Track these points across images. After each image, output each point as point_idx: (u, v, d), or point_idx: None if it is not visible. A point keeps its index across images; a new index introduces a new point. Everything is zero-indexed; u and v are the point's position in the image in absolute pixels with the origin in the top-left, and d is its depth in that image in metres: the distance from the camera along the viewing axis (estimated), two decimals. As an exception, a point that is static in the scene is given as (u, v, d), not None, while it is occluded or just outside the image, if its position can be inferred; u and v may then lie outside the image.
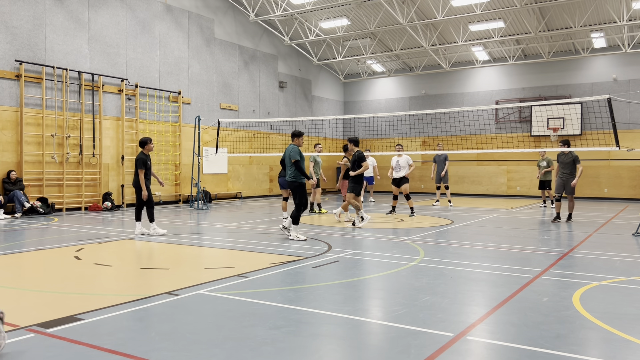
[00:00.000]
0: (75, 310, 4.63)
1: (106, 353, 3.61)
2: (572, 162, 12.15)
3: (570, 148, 12.38)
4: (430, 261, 7.16)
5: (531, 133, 22.31)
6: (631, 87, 20.72)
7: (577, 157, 12.17)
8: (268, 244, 8.83)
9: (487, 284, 5.94)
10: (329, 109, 26.72)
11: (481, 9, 18.31)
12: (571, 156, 12.20)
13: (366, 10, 20.29)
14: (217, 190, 19.74)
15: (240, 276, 6.11)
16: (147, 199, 9.86)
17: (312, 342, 3.93)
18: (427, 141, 24.33)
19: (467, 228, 11.27)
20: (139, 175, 9.75)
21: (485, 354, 3.76)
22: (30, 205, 13.35)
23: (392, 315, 4.58)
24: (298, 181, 9.34)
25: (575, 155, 12.18)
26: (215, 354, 3.64)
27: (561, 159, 12.39)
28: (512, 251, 8.18)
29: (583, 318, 4.49)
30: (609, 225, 11.86)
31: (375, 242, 9.00)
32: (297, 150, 9.53)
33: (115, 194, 15.95)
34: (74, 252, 7.86)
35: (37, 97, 14.14)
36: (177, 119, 18.06)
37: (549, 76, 22.49)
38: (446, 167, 17.31)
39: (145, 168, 9.78)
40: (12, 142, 13.72)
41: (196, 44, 18.86)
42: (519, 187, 23.00)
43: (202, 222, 12.59)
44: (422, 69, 25.09)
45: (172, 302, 4.98)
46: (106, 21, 15.80)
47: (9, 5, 13.53)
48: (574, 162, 12.13)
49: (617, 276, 6.22)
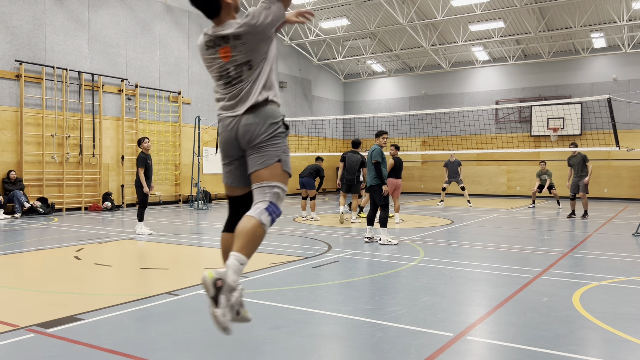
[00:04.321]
0: (75, 310, 4.63)
1: (106, 353, 3.60)
2: (582, 161, 12.78)
3: (577, 148, 13.07)
4: (430, 261, 7.15)
5: (531, 133, 22.31)
6: (631, 87, 20.72)
7: (586, 157, 12.79)
8: (268, 244, 8.83)
9: (487, 284, 5.94)
10: (329, 109, 26.71)
11: (481, 9, 18.31)
12: (580, 157, 12.84)
13: (366, 10, 20.29)
14: (217, 190, 19.74)
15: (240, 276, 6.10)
16: (139, 199, 9.94)
17: (312, 342, 3.93)
18: (427, 141, 24.33)
19: (467, 228, 11.27)
20: (138, 173, 9.91)
21: (485, 354, 3.76)
22: (30, 205, 13.35)
23: (392, 315, 4.58)
24: (378, 183, 8.71)
25: (584, 155, 12.79)
26: (215, 354, 3.64)
27: (572, 161, 13.07)
28: (512, 251, 8.18)
29: (583, 318, 4.49)
30: (609, 225, 11.86)
31: (375, 242, 9.00)
32: (380, 151, 8.86)
33: (115, 194, 15.95)
34: (74, 252, 7.86)
35: (37, 97, 14.14)
36: (177, 119, 18.06)
37: (549, 76, 22.49)
38: (460, 171, 17.61)
39: (145, 166, 9.92)
40: (12, 142, 13.72)
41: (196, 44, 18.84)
42: (519, 187, 23.00)
43: (202, 222, 12.58)
44: (422, 69, 25.09)
45: (172, 302, 4.98)
46: (106, 21, 15.80)
47: (9, 5, 13.53)
48: (583, 161, 12.77)
49: (617, 276, 6.22)
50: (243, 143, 3.26)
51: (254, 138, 3.21)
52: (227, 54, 3.23)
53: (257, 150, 3.22)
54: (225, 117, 3.31)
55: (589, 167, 12.83)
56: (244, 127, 3.22)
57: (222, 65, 3.28)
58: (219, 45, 3.26)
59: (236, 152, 3.34)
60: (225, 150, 3.39)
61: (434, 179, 24.15)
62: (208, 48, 3.34)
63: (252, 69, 3.22)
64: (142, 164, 9.86)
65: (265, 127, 3.20)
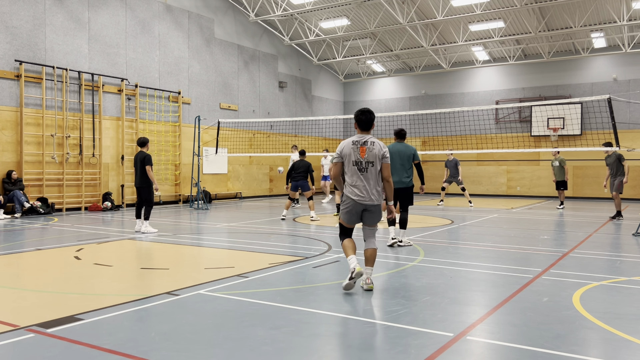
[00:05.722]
0: (75, 310, 4.63)
1: (106, 353, 3.60)
2: (617, 160, 12.43)
3: (612, 148, 12.58)
4: (430, 261, 7.15)
5: (531, 133, 22.31)
6: (631, 87, 20.72)
7: (622, 156, 12.39)
8: (268, 244, 8.83)
9: (487, 284, 5.94)
10: (329, 109, 26.72)
11: (481, 9, 18.31)
12: (615, 156, 12.50)
13: (366, 10, 20.29)
14: (217, 190, 19.74)
15: (240, 276, 6.11)
16: (148, 198, 10.11)
17: (312, 342, 3.93)
18: (427, 141, 24.33)
19: (467, 228, 11.27)
20: (147, 172, 10.18)
21: (485, 354, 3.76)
22: (30, 205, 13.34)
23: (392, 315, 4.58)
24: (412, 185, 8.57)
25: (619, 154, 12.40)
26: (215, 354, 3.64)
27: (607, 161, 12.78)
28: (512, 251, 8.18)
29: (583, 318, 4.49)
30: (609, 225, 11.86)
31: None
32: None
33: (115, 194, 15.95)
34: (74, 252, 7.86)
35: (37, 97, 14.14)
36: (177, 119, 18.06)
37: (549, 76, 22.49)
38: (459, 170, 17.51)
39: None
40: (12, 142, 13.72)
41: (196, 44, 18.86)
42: (519, 187, 23.00)
43: (202, 222, 12.59)
44: (422, 69, 25.09)
45: (172, 302, 4.98)
46: (106, 21, 15.80)
47: (9, 5, 13.53)
48: (619, 160, 12.42)
49: (617, 276, 6.22)
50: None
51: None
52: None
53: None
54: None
55: (625, 166, 12.35)
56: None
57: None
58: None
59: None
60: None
61: (434, 179, 24.14)
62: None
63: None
64: (150, 162, 10.24)
65: None
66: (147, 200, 10.27)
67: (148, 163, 10.19)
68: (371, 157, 5.34)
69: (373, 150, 5.35)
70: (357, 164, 5.35)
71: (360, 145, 5.35)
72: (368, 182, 5.33)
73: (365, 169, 5.33)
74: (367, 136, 5.45)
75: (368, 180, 5.34)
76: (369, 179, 5.33)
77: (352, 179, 5.38)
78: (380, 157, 5.41)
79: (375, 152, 5.36)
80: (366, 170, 5.33)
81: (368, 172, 5.33)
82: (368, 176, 5.33)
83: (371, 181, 5.35)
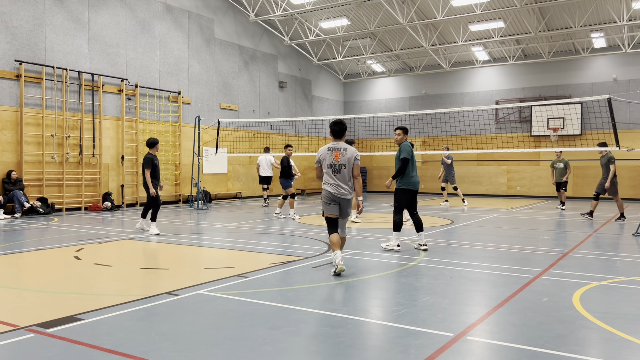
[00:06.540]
0: (75, 310, 4.63)
1: (106, 353, 3.60)
2: (607, 162, 12.26)
3: (605, 148, 12.43)
4: (430, 261, 7.16)
5: (531, 133, 22.32)
6: (631, 87, 20.72)
7: (612, 158, 12.18)
8: (268, 244, 8.83)
9: (487, 284, 5.94)
10: (329, 109, 26.72)
11: (481, 9, 18.31)
12: (606, 157, 12.34)
13: (366, 10, 20.29)
14: (217, 190, 19.74)
15: (240, 276, 6.11)
16: (154, 199, 10.02)
17: (312, 342, 3.93)
18: (427, 141, 24.34)
19: (467, 228, 11.27)
20: (145, 175, 10.01)
21: (485, 354, 3.76)
22: (30, 205, 13.34)
23: (392, 315, 4.58)
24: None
25: (610, 156, 12.21)
26: (215, 354, 3.64)
27: (601, 161, 12.61)
28: (512, 251, 8.18)
29: (583, 318, 4.49)
30: (609, 225, 11.86)
31: (375, 242, 9.00)
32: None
33: (115, 194, 15.95)
34: (74, 252, 7.86)
35: (37, 97, 14.14)
36: (177, 119, 18.06)
37: (549, 76, 22.49)
38: (443, 169, 17.29)
39: (153, 167, 10.06)
40: (12, 142, 13.72)
41: (196, 44, 18.86)
42: (519, 187, 23.00)
43: (202, 222, 12.59)
44: (422, 69, 25.09)
45: (172, 302, 4.98)
46: (106, 21, 15.80)
47: (9, 5, 13.53)
48: (608, 162, 12.24)
49: (617, 276, 6.22)
50: None
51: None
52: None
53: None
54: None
55: (611, 168, 12.08)
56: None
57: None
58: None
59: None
60: None
61: (434, 179, 24.15)
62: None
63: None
64: (149, 164, 10.01)
65: None
66: (154, 201, 10.15)
67: (145, 166, 10.02)
68: (344, 160, 6.43)
69: (346, 154, 6.43)
70: (332, 166, 6.46)
71: (335, 151, 6.46)
72: (341, 180, 6.44)
73: (338, 171, 6.44)
74: (340, 143, 6.52)
75: (341, 179, 6.43)
76: (341, 178, 6.43)
77: (328, 178, 6.49)
78: (352, 160, 6.42)
79: (348, 157, 6.43)
80: (339, 171, 6.44)
81: (341, 173, 6.44)
82: (340, 176, 6.43)
83: (344, 179, 6.44)
